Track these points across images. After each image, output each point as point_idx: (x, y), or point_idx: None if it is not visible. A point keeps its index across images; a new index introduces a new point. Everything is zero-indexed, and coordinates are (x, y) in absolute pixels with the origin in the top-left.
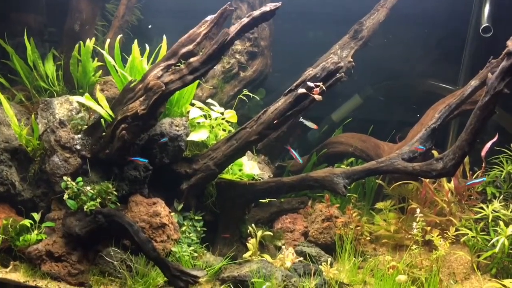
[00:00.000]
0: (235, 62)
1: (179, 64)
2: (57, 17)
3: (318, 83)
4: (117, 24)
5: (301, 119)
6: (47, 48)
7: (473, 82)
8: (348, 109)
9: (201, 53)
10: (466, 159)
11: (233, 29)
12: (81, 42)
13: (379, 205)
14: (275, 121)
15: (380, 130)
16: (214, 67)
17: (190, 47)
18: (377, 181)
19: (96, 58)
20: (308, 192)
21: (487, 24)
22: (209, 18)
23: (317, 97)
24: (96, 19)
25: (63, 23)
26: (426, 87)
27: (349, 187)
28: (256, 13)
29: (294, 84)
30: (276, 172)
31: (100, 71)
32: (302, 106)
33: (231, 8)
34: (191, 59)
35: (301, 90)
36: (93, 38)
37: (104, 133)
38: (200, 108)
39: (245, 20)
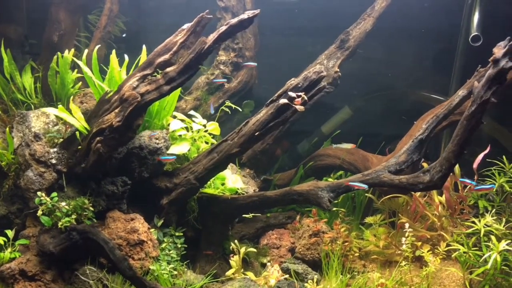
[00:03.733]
0: (219, 73)
1: (155, 74)
2: (39, 28)
3: (299, 93)
4: (99, 35)
5: (337, 145)
6: (28, 60)
7: (461, 92)
8: (338, 121)
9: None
10: (458, 172)
11: (211, 37)
12: (59, 54)
13: (369, 219)
14: (257, 133)
15: (370, 142)
16: (198, 79)
17: (167, 56)
18: (366, 194)
19: (76, 70)
20: (296, 206)
21: (476, 33)
22: (186, 26)
23: (299, 107)
24: (76, 30)
25: None
26: (417, 98)
27: (334, 201)
28: (233, 20)
29: (276, 95)
30: (262, 186)
31: (80, 83)
32: (284, 117)
33: (209, 16)
34: (168, 69)
35: (283, 101)
36: (72, 49)
37: (80, 147)
38: (182, 120)
39: (222, 28)
